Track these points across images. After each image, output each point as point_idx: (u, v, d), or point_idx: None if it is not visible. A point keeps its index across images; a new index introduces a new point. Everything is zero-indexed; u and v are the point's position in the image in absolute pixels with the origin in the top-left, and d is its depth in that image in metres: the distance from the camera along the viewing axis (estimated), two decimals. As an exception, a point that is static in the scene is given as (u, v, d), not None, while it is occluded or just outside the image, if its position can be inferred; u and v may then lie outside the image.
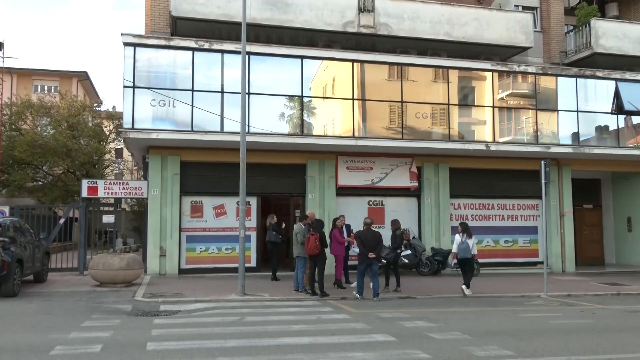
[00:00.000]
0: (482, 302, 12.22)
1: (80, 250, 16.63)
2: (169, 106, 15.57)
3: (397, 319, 9.58)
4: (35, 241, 13.87)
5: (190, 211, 16.94)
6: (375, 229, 12.79)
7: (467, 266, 13.20)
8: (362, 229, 12.79)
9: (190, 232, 16.87)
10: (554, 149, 18.26)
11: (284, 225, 15.55)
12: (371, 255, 12.07)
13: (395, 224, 13.93)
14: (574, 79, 18.85)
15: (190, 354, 6.79)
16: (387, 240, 13.88)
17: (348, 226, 14.76)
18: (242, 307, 10.91)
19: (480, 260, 17.65)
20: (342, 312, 10.47)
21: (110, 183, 17.42)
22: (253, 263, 16.99)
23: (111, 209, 18.35)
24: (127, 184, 17.55)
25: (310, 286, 12.60)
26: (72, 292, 12.75)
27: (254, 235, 17.01)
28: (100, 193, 16.90)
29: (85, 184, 16.86)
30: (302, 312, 10.46)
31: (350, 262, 14.86)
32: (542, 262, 15.88)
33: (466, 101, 18.40)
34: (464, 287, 13.04)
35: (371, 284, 12.33)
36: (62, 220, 17.23)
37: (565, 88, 18.77)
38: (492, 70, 18.21)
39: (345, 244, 14.02)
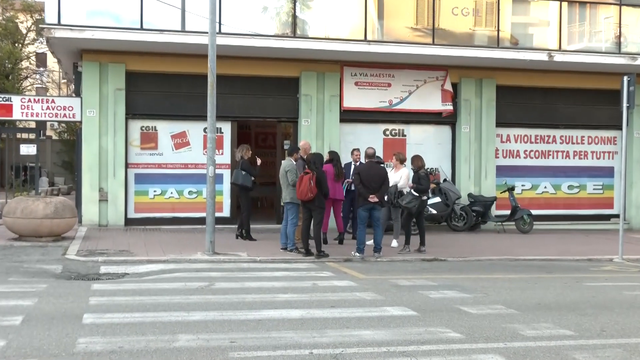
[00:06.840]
0: (534, 268, 12.42)
1: (-9, 192, 16.74)
2: (110, -6, 15.37)
3: (419, 288, 9.74)
4: None
5: (141, 140, 16.97)
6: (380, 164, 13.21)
7: None
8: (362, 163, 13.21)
9: (141, 169, 16.95)
10: (642, 61, 18.13)
11: (259, 162, 15.10)
12: (372, 198, 12.19)
13: (417, 161, 13.89)
14: (677, -41, 18.53)
15: (142, 329, 6.91)
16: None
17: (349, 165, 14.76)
18: (212, 270, 11.05)
19: (534, 212, 17.88)
20: (345, 277, 10.62)
21: (29, 100, 17.32)
22: (226, 212, 17.19)
23: (32, 136, 18.31)
24: (53, 101, 17.45)
25: (303, 243, 12.75)
26: (-18, 248, 12.90)
27: (227, 174, 17.05)
28: (17, 114, 16.84)
29: (-5, 101, 16.80)
30: (292, 277, 10.62)
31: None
32: (617, 216, 16.02)
33: (523, -8, 18.16)
34: None
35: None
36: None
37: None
38: (562, -53, 17.87)
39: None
